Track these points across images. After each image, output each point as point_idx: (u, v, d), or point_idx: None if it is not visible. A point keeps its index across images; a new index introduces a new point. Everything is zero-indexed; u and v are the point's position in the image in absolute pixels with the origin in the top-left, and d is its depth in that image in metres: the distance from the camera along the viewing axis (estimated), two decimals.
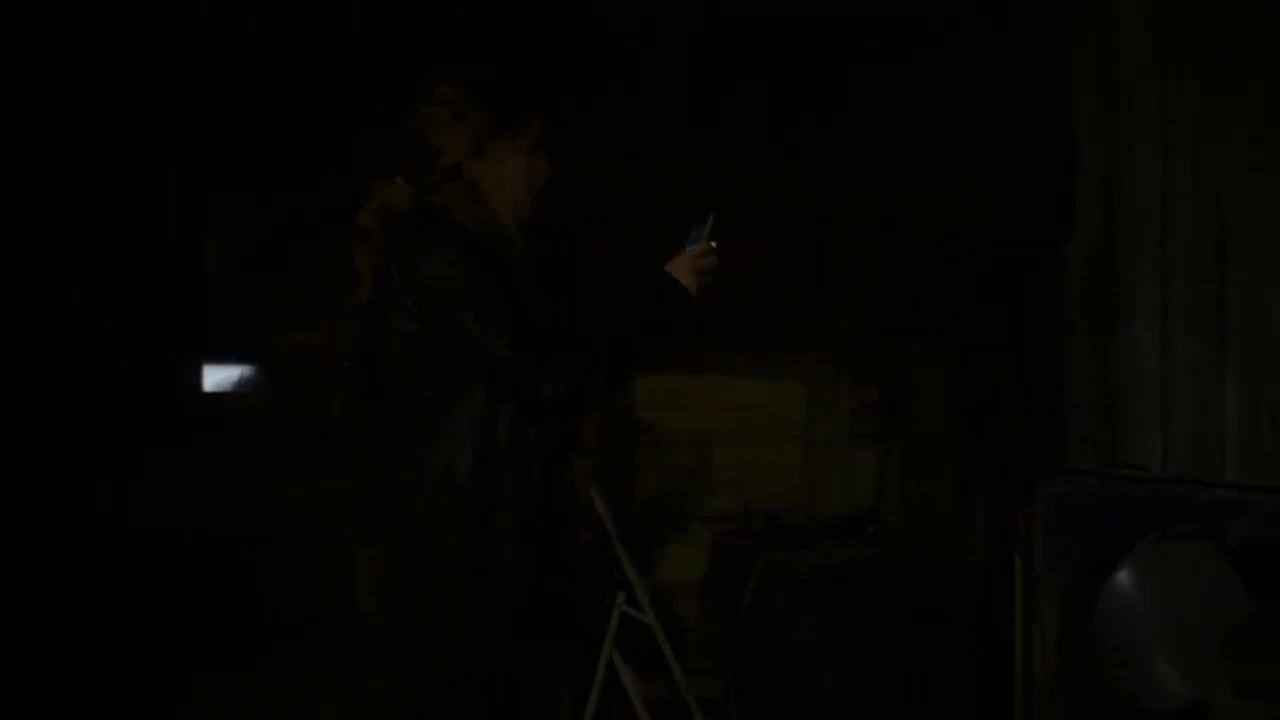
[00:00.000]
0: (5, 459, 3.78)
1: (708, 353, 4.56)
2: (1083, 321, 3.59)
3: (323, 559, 4.15)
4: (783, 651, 3.78)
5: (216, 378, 4.67)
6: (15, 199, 3.87)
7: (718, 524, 4.41)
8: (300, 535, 4.41)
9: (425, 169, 2.31)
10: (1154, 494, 2.59)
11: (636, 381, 4.46)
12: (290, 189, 4.45)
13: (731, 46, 4.36)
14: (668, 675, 3.99)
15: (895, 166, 4.48)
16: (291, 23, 4.24)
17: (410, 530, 2.24)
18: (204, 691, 4.19)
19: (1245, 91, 2.98)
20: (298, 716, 4.14)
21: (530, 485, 2.26)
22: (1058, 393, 3.67)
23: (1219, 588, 2.47)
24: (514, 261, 2.30)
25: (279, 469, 4.51)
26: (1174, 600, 2.53)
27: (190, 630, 4.19)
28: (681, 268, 2.34)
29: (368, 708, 2.74)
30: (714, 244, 2.39)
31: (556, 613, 2.41)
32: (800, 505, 4.56)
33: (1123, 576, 2.57)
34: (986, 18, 3.92)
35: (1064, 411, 3.63)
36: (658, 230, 2.61)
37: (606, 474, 4.19)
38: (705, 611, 4.27)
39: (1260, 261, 2.94)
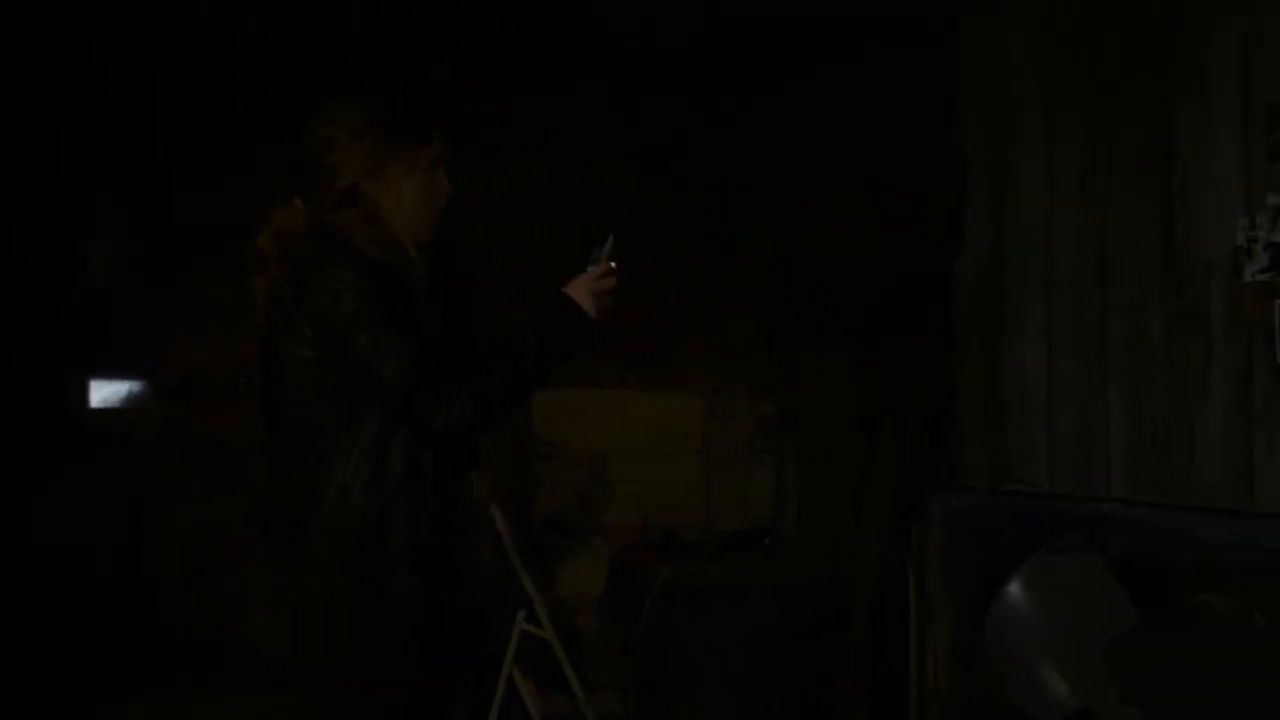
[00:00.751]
0: None
1: (606, 367, 4.57)
2: (974, 337, 3.67)
3: (217, 580, 4.06)
4: (682, 665, 3.80)
5: (104, 393, 4.55)
6: None
7: (617, 538, 4.42)
8: (192, 555, 4.31)
9: (322, 190, 2.28)
10: (1042, 509, 2.67)
11: (535, 396, 4.45)
12: (184, 200, 4.35)
13: (631, 63, 4.38)
14: (568, 691, 3.99)
15: (793, 182, 4.54)
16: (190, 24, 4.13)
17: (305, 555, 2.22)
18: (103, 714, 4.09)
19: (1124, 120, 3.08)
20: None
21: (425, 512, 2.24)
22: (951, 407, 3.75)
23: (1104, 599, 2.54)
24: (414, 284, 2.27)
25: (170, 487, 4.41)
26: (1062, 612, 2.60)
27: (85, 652, 4.08)
28: (580, 289, 2.32)
29: None
30: (614, 264, 2.37)
31: (454, 633, 2.40)
32: (699, 519, 4.59)
33: (1013, 590, 2.64)
34: (885, 41, 3.99)
35: (956, 425, 3.71)
36: (556, 249, 2.61)
37: (506, 489, 4.17)
38: (605, 627, 4.28)
39: (1140, 281, 3.03)
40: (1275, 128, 2.63)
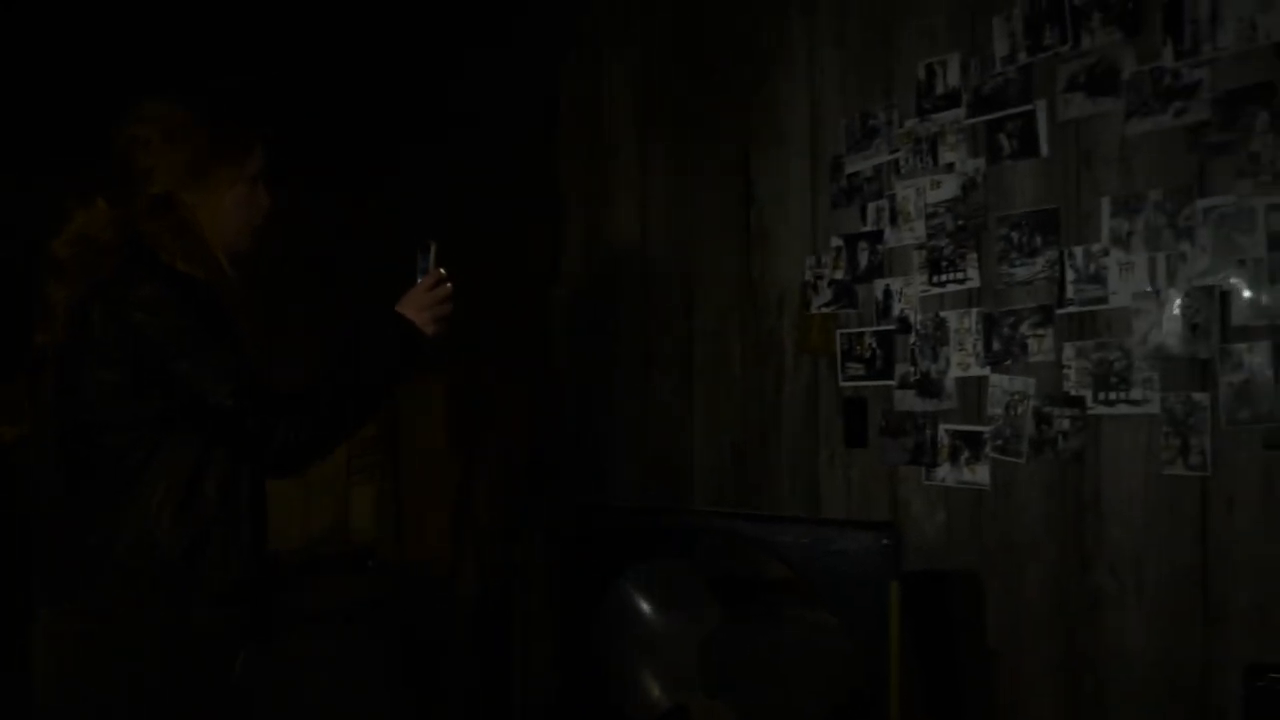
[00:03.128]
0: None
1: None
2: (570, 361, 3.86)
3: None
4: (284, 693, 3.75)
5: None
6: None
7: None
8: None
9: (130, 193, 2.06)
10: (638, 523, 2.85)
11: None
12: None
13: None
14: None
15: (395, 211, 4.57)
16: None
17: (101, 596, 2.00)
18: None
19: (710, 165, 3.35)
20: None
21: (239, 547, 2.07)
22: (549, 429, 3.91)
23: (694, 604, 2.76)
24: (228, 301, 2.08)
25: None
26: (656, 618, 2.80)
27: None
28: (412, 305, 2.22)
29: None
30: (443, 271, 2.27)
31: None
32: (300, 544, 4.53)
33: (612, 600, 2.81)
34: (485, 79, 4.12)
35: (554, 445, 3.88)
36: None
37: None
38: None
39: (723, 311, 3.30)
40: (837, 178, 2.97)
